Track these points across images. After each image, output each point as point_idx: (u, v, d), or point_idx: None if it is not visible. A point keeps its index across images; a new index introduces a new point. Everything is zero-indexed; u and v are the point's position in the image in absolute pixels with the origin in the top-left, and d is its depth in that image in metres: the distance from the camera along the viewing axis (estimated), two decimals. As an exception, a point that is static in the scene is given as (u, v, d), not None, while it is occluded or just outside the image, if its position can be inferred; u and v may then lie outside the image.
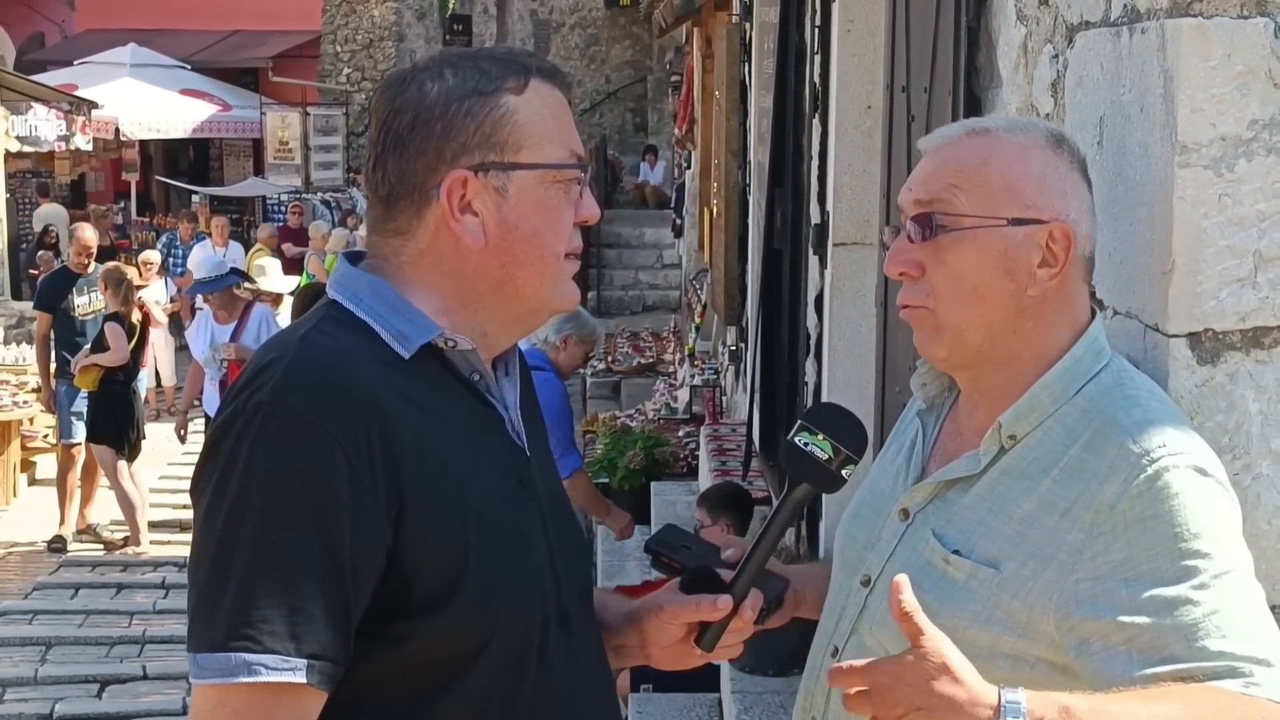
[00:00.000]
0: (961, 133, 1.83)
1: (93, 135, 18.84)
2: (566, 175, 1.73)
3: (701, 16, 12.00)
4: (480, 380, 1.74)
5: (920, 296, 1.80)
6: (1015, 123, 1.85)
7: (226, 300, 9.50)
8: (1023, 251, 1.76)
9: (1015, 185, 1.76)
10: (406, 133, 1.70)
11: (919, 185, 1.82)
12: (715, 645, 1.83)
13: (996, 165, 1.78)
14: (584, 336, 6.54)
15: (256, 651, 1.53)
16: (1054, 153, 1.79)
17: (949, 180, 1.78)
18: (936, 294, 1.79)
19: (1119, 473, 1.66)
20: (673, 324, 15.28)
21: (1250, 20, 1.84)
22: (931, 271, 1.79)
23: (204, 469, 1.63)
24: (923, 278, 1.79)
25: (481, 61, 1.73)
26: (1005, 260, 1.76)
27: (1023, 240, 1.76)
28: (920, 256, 1.79)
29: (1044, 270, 1.76)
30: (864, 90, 4.92)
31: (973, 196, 1.77)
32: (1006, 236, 1.76)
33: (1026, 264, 1.76)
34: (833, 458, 1.79)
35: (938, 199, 1.78)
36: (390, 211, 1.72)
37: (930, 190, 1.80)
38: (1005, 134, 1.81)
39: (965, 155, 1.80)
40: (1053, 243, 1.76)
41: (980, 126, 1.85)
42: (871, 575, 1.87)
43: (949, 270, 1.77)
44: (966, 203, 1.77)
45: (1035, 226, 1.76)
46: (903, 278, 1.82)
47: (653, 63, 23.86)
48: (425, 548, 1.61)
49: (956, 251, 1.77)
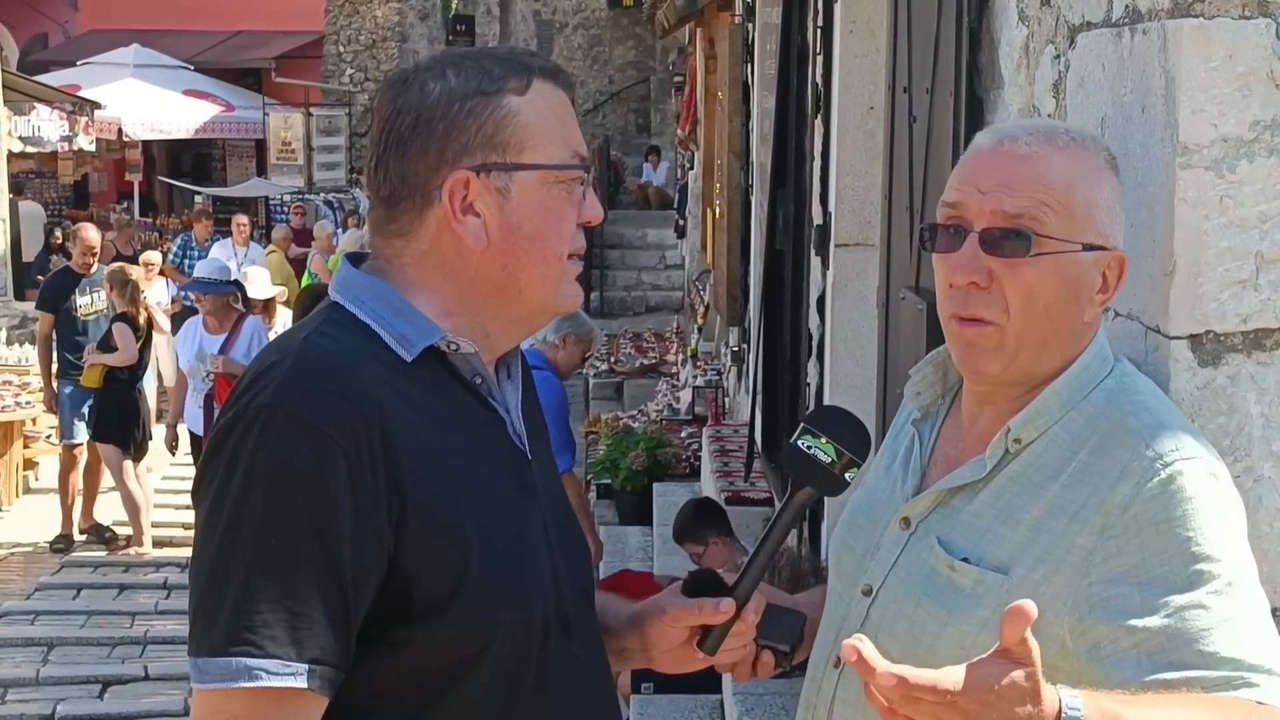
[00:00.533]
0: (1044, 143, 1.75)
1: (96, 136, 18.87)
2: (569, 176, 1.72)
3: (704, 17, 12.00)
4: (482, 383, 1.74)
5: (993, 311, 1.74)
6: (1085, 136, 1.79)
7: (219, 308, 9.09)
8: (1089, 277, 1.74)
9: (1093, 210, 1.74)
10: (408, 133, 1.69)
11: (1002, 193, 1.73)
12: (718, 649, 1.83)
13: (1081, 188, 1.73)
14: (582, 336, 6.55)
15: (258, 656, 1.53)
16: (1115, 176, 1.77)
17: (1041, 195, 1.72)
18: (1009, 311, 1.73)
19: (1131, 476, 1.65)
20: (675, 325, 15.28)
21: (1252, 21, 1.84)
22: (1006, 286, 1.73)
23: (205, 472, 1.62)
24: (992, 289, 1.74)
25: (484, 61, 1.72)
26: (1075, 286, 1.73)
27: (1090, 266, 1.73)
28: (992, 266, 1.73)
29: (1099, 296, 1.75)
30: (866, 91, 4.92)
31: (1061, 218, 1.72)
32: (1080, 262, 1.73)
33: (1090, 290, 1.74)
34: (836, 460, 1.78)
35: (1030, 212, 1.71)
36: (392, 212, 1.71)
37: (1020, 202, 1.72)
38: (1082, 151, 1.75)
39: (1053, 171, 1.73)
40: (1109, 270, 1.75)
41: (1058, 137, 1.76)
42: (873, 585, 1.85)
43: (1025, 288, 1.72)
44: (1057, 223, 1.72)
45: (1102, 254, 1.74)
46: (970, 288, 1.75)
47: (655, 63, 23.87)
48: (426, 552, 1.61)
49: (1037, 272, 1.72)
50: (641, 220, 20.37)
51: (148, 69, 22.05)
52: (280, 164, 22.06)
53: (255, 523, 1.55)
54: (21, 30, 24.88)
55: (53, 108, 17.60)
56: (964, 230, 1.75)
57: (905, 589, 1.79)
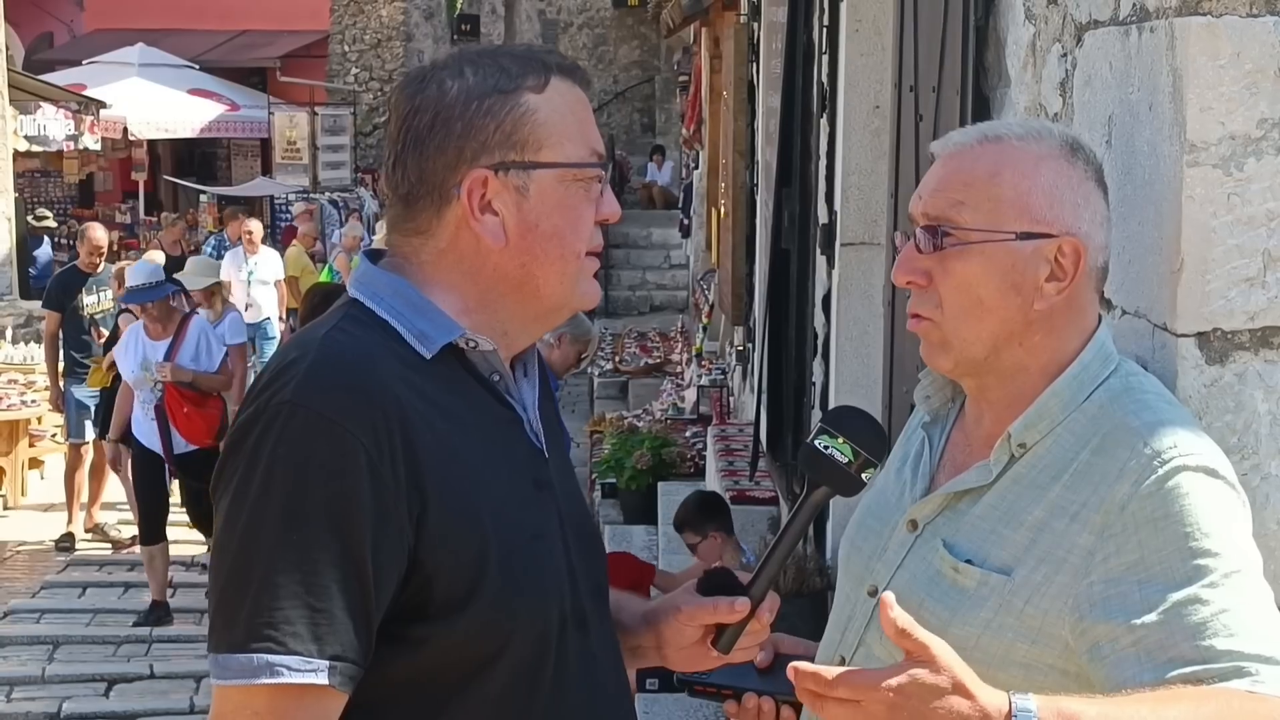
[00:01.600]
0: (974, 140, 1.80)
1: (101, 135, 18.90)
2: (587, 174, 1.72)
3: (709, 17, 12.00)
4: (500, 381, 1.74)
5: (928, 308, 1.79)
6: (1030, 129, 1.81)
7: (163, 313, 8.24)
8: (1030, 266, 1.74)
9: (1025, 198, 1.74)
10: (426, 131, 1.69)
11: (928, 194, 1.79)
12: (732, 647, 1.83)
13: (1008, 177, 1.75)
14: (579, 336, 6.57)
15: (279, 653, 1.53)
16: (1068, 163, 1.76)
17: (958, 192, 1.76)
18: (943, 306, 1.77)
19: (1130, 474, 1.65)
20: (680, 324, 15.28)
21: (1259, 19, 1.84)
22: (939, 282, 1.77)
23: (225, 469, 1.62)
24: (930, 287, 1.78)
25: (502, 59, 1.72)
26: (1012, 275, 1.74)
27: (1030, 255, 1.74)
28: (927, 266, 1.77)
29: (1051, 285, 1.74)
30: (872, 90, 4.92)
31: (981, 209, 1.74)
32: (1014, 251, 1.74)
33: (1034, 278, 1.74)
34: (853, 461, 1.78)
35: (946, 210, 1.76)
36: (410, 211, 1.71)
37: (939, 201, 1.77)
38: (1019, 142, 1.77)
39: (977, 165, 1.77)
40: (1062, 257, 1.74)
41: (994, 133, 1.80)
42: (879, 586, 1.86)
43: (955, 282, 1.76)
44: (975, 216, 1.74)
45: (1044, 241, 1.73)
46: (910, 286, 1.81)
47: (660, 63, 23.87)
48: (445, 549, 1.61)
49: (963, 264, 1.75)
50: (646, 220, 20.37)
51: (153, 68, 22.07)
52: (285, 163, 22.07)
53: (276, 519, 1.55)
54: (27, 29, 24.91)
55: (58, 107, 17.62)
56: (909, 235, 1.82)
57: (910, 590, 1.79)
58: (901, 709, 1.46)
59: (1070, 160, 1.76)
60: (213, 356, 8.28)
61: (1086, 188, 1.77)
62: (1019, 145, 1.77)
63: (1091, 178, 1.78)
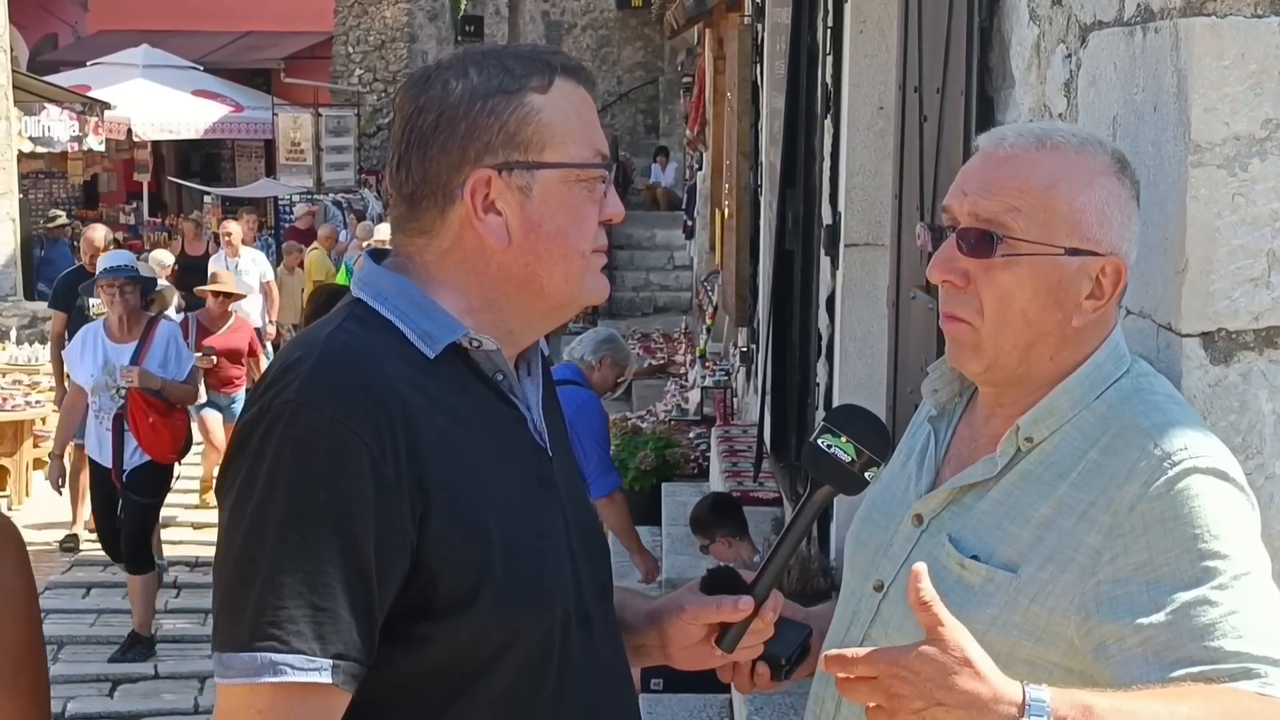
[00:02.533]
0: (1031, 144, 1.75)
1: (105, 136, 18.88)
2: (591, 174, 1.72)
3: (713, 18, 12.00)
4: (504, 380, 1.74)
5: (968, 311, 1.76)
6: (1084, 139, 1.77)
7: (131, 310, 7.54)
8: (1074, 283, 1.73)
9: (1079, 214, 1.72)
10: (430, 131, 1.69)
11: (978, 195, 1.75)
12: (736, 646, 1.83)
13: (1064, 190, 1.72)
14: (619, 360, 6.67)
15: (282, 651, 1.53)
16: (1118, 180, 1.75)
17: (1013, 197, 1.73)
18: (983, 313, 1.75)
19: (1139, 475, 1.65)
20: (684, 325, 15.28)
21: (1264, 19, 1.84)
22: (981, 287, 1.74)
23: (229, 468, 1.63)
24: (969, 289, 1.76)
25: (506, 59, 1.72)
26: (1057, 290, 1.73)
27: (1076, 271, 1.72)
28: (968, 267, 1.75)
29: (1090, 302, 1.73)
30: (876, 91, 4.93)
31: (1035, 220, 1.72)
32: (1061, 266, 1.72)
33: (1076, 295, 1.73)
34: (856, 460, 1.78)
35: (1000, 215, 1.73)
36: (414, 211, 1.72)
37: (992, 206, 1.73)
38: (1076, 154, 1.74)
39: (1034, 173, 1.73)
40: (1103, 276, 1.73)
41: (1051, 141, 1.75)
42: (885, 581, 1.86)
43: (998, 290, 1.73)
44: (1028, 227, 1.72)
45: (1091, 259, 1.72)
46: (946, 285, 1.78)
47: (664, 64, 23.87)
48: (449, 548, 1.61)
49: (1010, 274, 1.73)
50: (650, 221, 20.37)
51: (157, 69, 22.08)
52: (289, 164, 22.09)
53: (280, 518, 1.56)
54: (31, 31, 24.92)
55: (62, 108, 17.62)
56: (940, 229, 1.80)
57: None
58: (913, 684, 1.48)
59: (1120, 177, 1.75)
60: (182, 364, 7.61)
61: (1131, 207, 1.76)
62: (1077, 157, 1.74)
63: (1134, 196, 1.77)
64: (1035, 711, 1.47)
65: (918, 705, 1.49)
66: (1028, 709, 1.47)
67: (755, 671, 1.90)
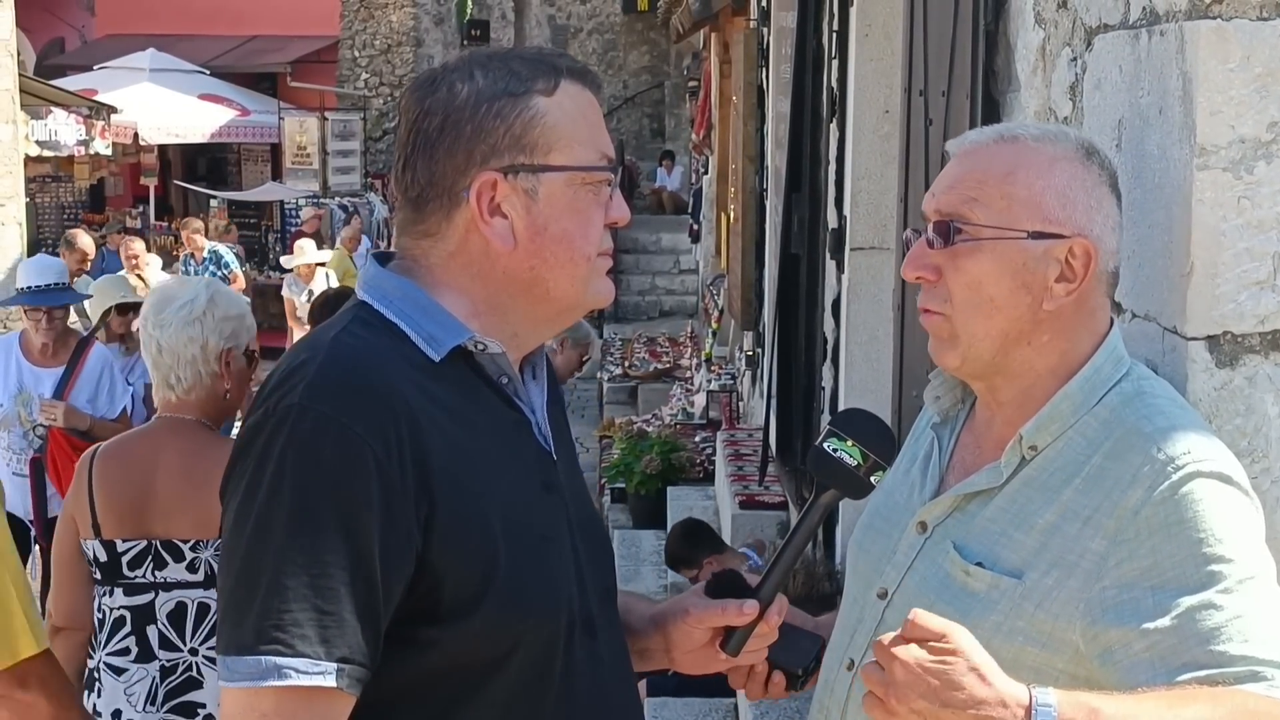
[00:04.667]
0: (991, 139, 1.81)
1: (112, 140, 18.91)
2: (596, 177, 1.72)
3: (719, 22, 12.01)
4: (508, 383, 1.74)
5: (938, 302, 1.79)
6: (1046, 131, 1.81)
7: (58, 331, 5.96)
8: (1040, 266, 1.74)
9: (1039, 198, 1.74)
10: (436, 134, 1.69)
11: (942, 191, 1.80)
12: (741, 650, 1.83)
13: (1022, 176, 1.75)
14: (579, 341, 6.67)
15: (287, 655, 1.53)
16: (1083, 165, 1.76)
17: (971, 189, 1.76)
18: (953, 301, 1.77)
19: (1143, 480, 1.65)
20: (689, 329, 15.28)
21: (1269, 22, 1.84)
22: (949, 278, 1.77)
23: (234, 471, 1.63)
24: (940, 282, 1.78)
25: (512, 62, 1.72)
26: (1022, 273, 1.74)
27: (1041, 255, 1.74)
28: (938, 261, 1.78)
29: (1061, 285, 1.74)
30: (881, 94, 4.93)
31: (994, 206, 1.75)
32: (1025, 249, 1.74)
33: (1043, 278, 1.74)
34: (861, 464, 1.78)
35: (959, 206, 1.76)
36: (419, 214, 1.72)
37: (952, 197, 1.78)
38: (1035, 143, 1.77)
39: (992, 163, 1.77)
40: (1072, 258, 1.74)
41: (1010, 133, 1.81)
42: (889, 588, 1.86)
43: (965, 279, 1.76)
44: (987, 213, 1.75)
45: (1055, 241, 1.74)
46: (919, 281, 1.81)
47: (670, 68, 23.87)
48: (454, 552, 1.61)
49: (974, 261, 1.75)
50: (656, 225, 20.37)
51: (163, 73, 22.10)
52: (295, 168, 22.09)
53: (284, 521, 1.56)
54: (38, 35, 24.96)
55: (69, 112, 17.65)
56: (919, 231, 1.82)
57: (920, 593, 1.79)
58: (920, 684, 1.49)
59: (1085, 163, 1.77)
60: (114, 399, 5.97)
61: (1100, 191, 1.77)
62: (1035, 145, 1.77)
63: (1105, 182, 1.78)
64: (1042, 715, 1.47)
65: (920, 705, 1.50)
66: (1035, 713, 1.47)
67: (771, 680, 1.90)
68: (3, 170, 13.31)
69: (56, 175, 20.15)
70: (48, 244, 17.85)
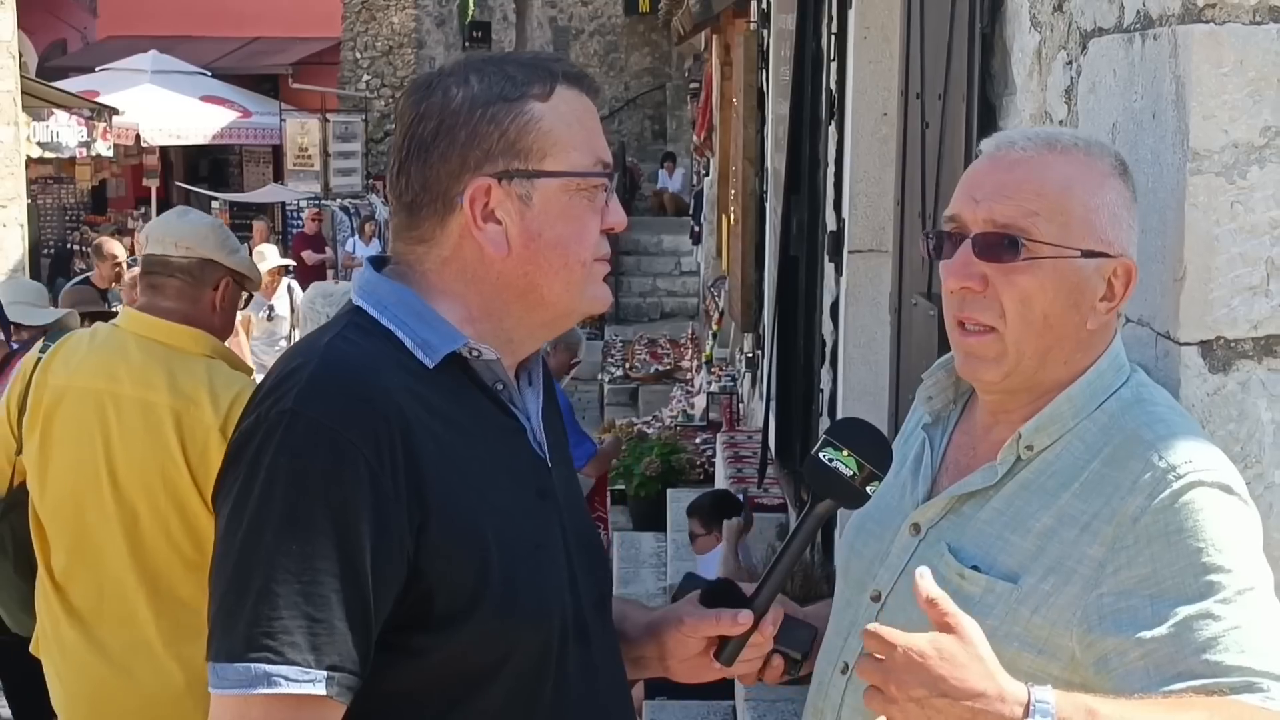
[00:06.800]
0: (1041, 147, 1.75)
1: (114, 141, 18.93)
2: (592, 183, 1.71)
3: (720, 24, 12.01)
4: (503, 390, 1.73)
5: (990, 316, 1.75)
6: (1090, 142, 1.78)
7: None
8: (1091, 285, 1.73)
9: (1094, 216, 1.72)
10: (430, 139, 1.68)
11: (993, 200, 1.74)
12: (735, 659, 1.83)
13: (1079, 192, 1.72)
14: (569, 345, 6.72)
15: (276, 662, 1.52)
16: (1122, 181, 1.76)
17: (1031, 201, 1.72)
18: (1005, 316, 1.74)
19: (1143, 488, 1.64)
20: (690, 331, 15.28)
21: (1262, 27, 1.84)
22: (1001, 292, 1.73)
23: (226, 477, 1.62)
24: (987, 293, 1.74)
25: (508, 67, 1.71)
26: (1075, 293, 1.72)
27: (1092, 273, 1.72)
28: (984, 271, 1.74)
29: (1103, 304, 1.73)
30: (880, 97, 4.93)
31: (1054, 222, 1.71)
32: (1080, 269, 1.72)
33: (1092, 297, 1.73)
34: (857, 474, 1.77)
35: (1019, 219, 1.72)
36: (414, 219, 1.71)
37: (1009, 209, 1.72)
38: (1086, 156, 1.74)
39: (1047, 175, 1.73)
40: (1114, 278, 1.73)
41: (1059, 143, 1.76)
42: (882, 591, 1.85)
43: (1019, 294, 1.72)
44: (1049, 229, 1.71)
45: (1104, 261, 1.72)
46: (964, 292, 1.77)
47: (671, 70, 23.87)
48: (447, 560, 1.60)
49: (1031, 277, 1.72)
50: (657, 227, 20.38)
51: (165, 75, 22.13)
52: (297, 170, 22.13)
53: (276, 528, 1.55)
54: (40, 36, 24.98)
55: (71, 113, 17.66)
56: (963, 237, 1.77)
57: (914, 595, 1.79)
58: (920, 672, 1.48)
59: (1123, 179, 1.76)
60: None
61: (1133, 209, 1.77)
62: (1086, 160, 1.74)
63: (1135, 199, 1.78)
64: (1040, 712, 1.46)
65: (919, 694, 1.48)
66: (1033, 709, 1.46)
67: (769, 664, 1.89)
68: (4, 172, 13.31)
69: (58, 177, 20.15)
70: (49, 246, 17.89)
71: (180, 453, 3.22)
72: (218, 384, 3.26)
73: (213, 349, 3.37)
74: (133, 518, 3.24)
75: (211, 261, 3.38)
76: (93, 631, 3.29)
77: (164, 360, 3.29)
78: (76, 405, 3.31)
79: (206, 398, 3.24)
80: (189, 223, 3.45)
